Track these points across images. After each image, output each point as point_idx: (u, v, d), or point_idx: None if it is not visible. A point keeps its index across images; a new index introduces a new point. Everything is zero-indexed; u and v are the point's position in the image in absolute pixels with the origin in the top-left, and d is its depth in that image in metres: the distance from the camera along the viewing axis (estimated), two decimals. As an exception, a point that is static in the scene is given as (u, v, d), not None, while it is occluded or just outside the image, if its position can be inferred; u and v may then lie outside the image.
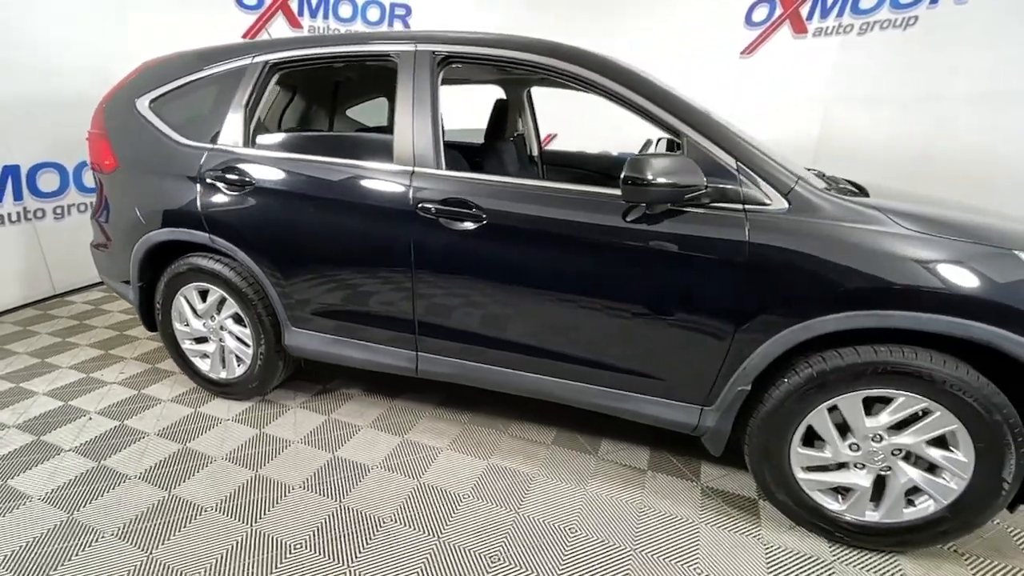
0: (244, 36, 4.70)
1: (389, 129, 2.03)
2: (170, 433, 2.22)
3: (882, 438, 1.54)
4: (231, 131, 2.18)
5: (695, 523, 1.79)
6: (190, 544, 1.65)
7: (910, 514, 1.58)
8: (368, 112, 3.40)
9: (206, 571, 1.56)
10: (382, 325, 2.09)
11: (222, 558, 1.60)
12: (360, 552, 1.64)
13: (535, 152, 3.32)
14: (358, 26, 5.19)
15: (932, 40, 3.88)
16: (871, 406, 1.54)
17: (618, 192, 1.61)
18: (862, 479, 1.60)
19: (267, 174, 2.10)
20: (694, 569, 1.60)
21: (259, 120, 2.23)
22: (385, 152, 1.96)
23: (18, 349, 2.98)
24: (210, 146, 2.20)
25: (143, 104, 2.33)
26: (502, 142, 2.84)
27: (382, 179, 1.94)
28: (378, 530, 1.72)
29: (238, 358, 2.39)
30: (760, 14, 4.61)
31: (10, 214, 3.47)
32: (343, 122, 3.31)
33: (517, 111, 3.13)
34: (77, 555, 1.60)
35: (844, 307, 1.46)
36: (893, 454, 1.55)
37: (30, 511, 1.78)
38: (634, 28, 4.94)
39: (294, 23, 4.97)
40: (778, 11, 4.52)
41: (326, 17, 5.09)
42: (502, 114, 2.81)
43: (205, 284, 2.29)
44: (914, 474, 1.55)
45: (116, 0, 3.96)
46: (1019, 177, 3.57)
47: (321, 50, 2.12)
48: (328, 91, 3.16)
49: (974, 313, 1.37)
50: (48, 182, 3.67)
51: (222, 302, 2.31)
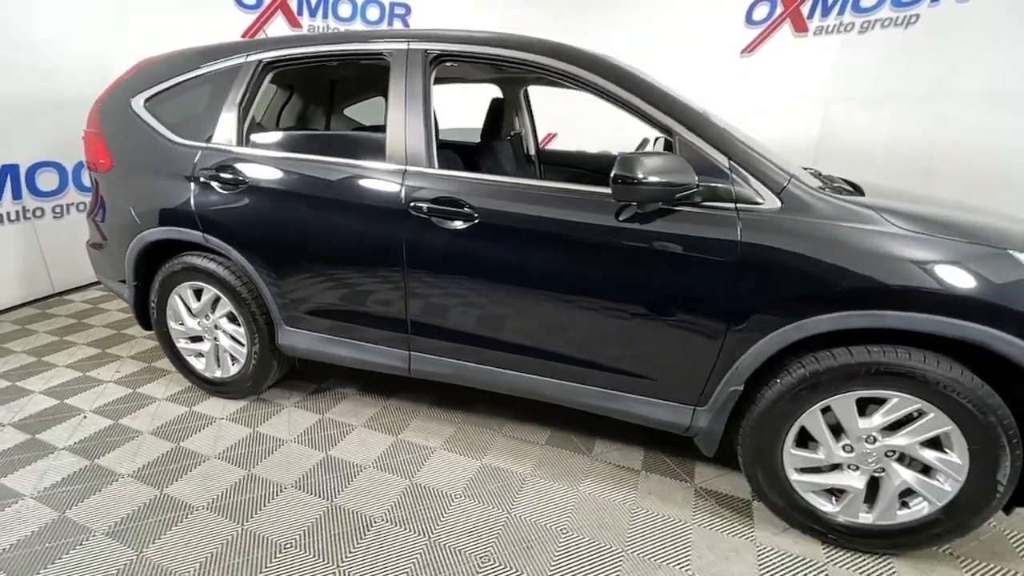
0: (243, 36, 4.70)
1: (384, 128, 2.03)
2: (164, 432, 2.22)
3: (876, 439, 1.52)
4: (225, 130, 2.18)
5: (688, 524, 1.78)
6: (180, 543, 1.65)
7: (904, 516, 1.57)
8: (367, 111, 3.40)
9: (195, 571, 1.55)
10: (375, 324, 2.08)
11: (211, 558, 1.60)
12: (350, 552, 1.63)
13: (532, 151, 3.31)
14: (358, 25, 5.18)
15: (933, 39, 3.85)
16: (865, 407, 1.53)
17: (609, 191, 1.60)
18: (856, 480, 1.59)
19: (260, 173, 2.10)
20: (686, 571, 1.59)
21: (253, 119, 2.23)
22: (378, 151, 1.96)
23: (16, 348, 2.99)
24: (204, 145, 2.20)
25: (138, 103, 2.33)
26: (498, 141, 2.83)
27: (375, 178, 1.94)
28: (369, 530, 1.72)
29: (232, 357, 2.39)
30: (761, 13, 4.58)
31: (9, 213, 3.48)
32: (341, 121, 3.30)
33: (514, 110, 3.12)
34: (67, 553, 1.60)
35: (837, 307, 1.45)
36: (887, 455, 1.54)
37: (22, 509, 1.78)
38: (634, 28, 4.92)
39: (293, 23, 4.97)
40: (779, 10, 4.49)
41: (325, 16, 5.08)
42: (498, 113, 2.80)
43: (199, 283, 2.29)
44: (908, 476, 1.53)
45: (116, 0, 3.97)
46: (1019, 177, 3.54)
47: (314, 49, 2.11)
48: (325, 90, 3.17)
49: (968, 313, 1.36)
50: (47, 181, 3.68)
51: (216, 301, 2.31)
